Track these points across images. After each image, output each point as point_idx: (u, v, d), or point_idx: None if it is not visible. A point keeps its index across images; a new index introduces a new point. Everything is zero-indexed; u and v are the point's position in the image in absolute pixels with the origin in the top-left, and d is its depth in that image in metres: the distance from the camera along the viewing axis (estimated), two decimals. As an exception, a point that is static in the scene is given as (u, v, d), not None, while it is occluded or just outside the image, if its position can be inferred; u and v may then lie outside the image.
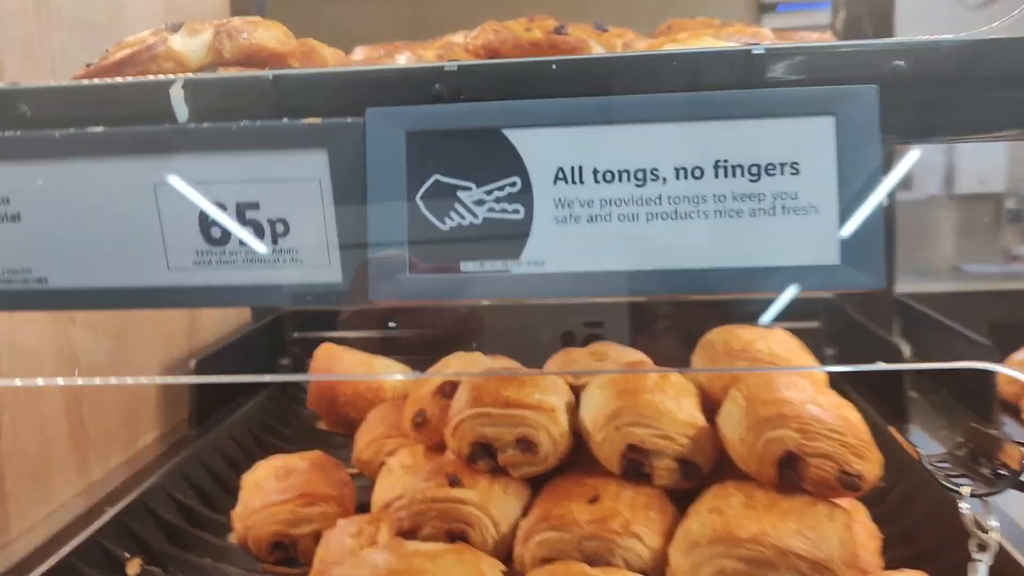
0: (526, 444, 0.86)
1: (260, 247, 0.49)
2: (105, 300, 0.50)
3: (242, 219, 0.49)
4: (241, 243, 0.49)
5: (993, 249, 2.65)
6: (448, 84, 0.47)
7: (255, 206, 0.49)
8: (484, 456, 0.88)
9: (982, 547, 0.55)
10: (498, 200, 0.47)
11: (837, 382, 0.97)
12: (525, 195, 0.46)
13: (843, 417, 0.80)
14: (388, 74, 0.48)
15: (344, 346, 1.50)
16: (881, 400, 1.23)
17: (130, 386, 1.26)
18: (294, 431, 1.44)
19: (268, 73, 0.48)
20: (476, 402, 0.88)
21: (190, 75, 0.48)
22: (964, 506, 0.55)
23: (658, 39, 0.89)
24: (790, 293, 0.45)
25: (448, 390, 1.01)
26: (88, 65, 0.65)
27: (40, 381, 1.06)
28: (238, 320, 1.67)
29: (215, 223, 0.49)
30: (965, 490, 0.56)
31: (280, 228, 0.49)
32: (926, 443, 1.16)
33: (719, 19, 0.98)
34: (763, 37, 0.87)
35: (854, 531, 0.79)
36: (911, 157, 0.55)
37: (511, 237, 0.47)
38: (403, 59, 1.00)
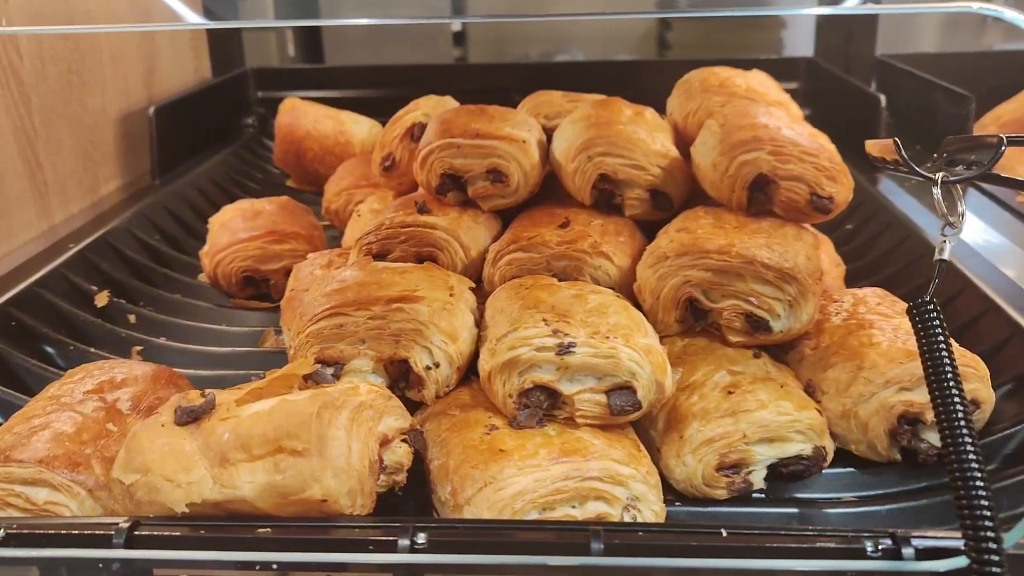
0: (496, 175, 0.85)
1: None
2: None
3: None
4: None
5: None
6: None
7: None
8: (453, 188, 0.87)
9: (951, 227, 0.55)
10: None
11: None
12: None
13: (818, 142, 0.79)
14: None
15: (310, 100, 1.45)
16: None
17: (87, 130, 1.22)
18: (262, 187, 1.42)
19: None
20: (445, 134, 0.86)
21: None
22: (936, 191, 0.55)
23: None
24: None
25: (417, 133, 0.98)
26: None
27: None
28: (197, 76, 1.59)
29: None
30: (938, 176, 0.55)
31: None
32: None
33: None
34: None
35: (819, 256, 0.80)
36: None
37: None
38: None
